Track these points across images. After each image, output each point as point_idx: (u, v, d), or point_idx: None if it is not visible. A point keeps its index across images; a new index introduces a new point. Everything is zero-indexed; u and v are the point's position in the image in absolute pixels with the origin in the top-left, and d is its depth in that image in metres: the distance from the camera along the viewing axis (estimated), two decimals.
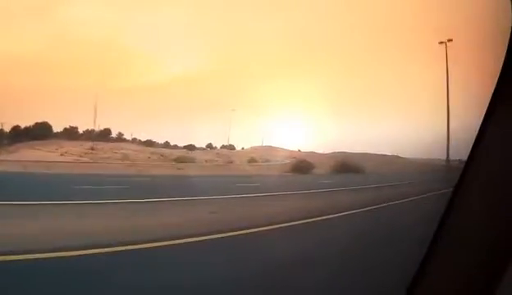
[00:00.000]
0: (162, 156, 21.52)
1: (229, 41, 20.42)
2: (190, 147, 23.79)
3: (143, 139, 24.05)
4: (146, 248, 4.95)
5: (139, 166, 18.36)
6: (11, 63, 17.80)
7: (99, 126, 22.99)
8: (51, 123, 21.74)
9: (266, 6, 18.88)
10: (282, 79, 20.93)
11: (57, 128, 22.30)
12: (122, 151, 21.53)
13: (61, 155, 19.47)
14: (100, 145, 21.84)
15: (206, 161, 22.21)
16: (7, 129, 20.86)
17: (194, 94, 21.87)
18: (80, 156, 19.71)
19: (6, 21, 16.95)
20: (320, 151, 22.44)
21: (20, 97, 18.76)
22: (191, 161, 21.31)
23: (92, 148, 21.11)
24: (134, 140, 24.12)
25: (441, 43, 17.26)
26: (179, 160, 20.80)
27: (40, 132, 21.12)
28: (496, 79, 1.30)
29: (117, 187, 11.25)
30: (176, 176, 16.65)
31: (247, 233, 6.18)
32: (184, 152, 23.00)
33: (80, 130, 23.20)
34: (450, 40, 17.15)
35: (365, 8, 17.96)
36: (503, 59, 1.29)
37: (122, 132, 24.02)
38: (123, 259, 4.60)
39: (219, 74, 21.03)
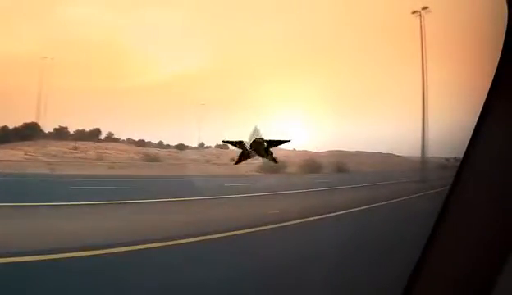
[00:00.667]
0: (146, 155, 21.22)
1: (228, 41, 20.44)
2: (180, 147, 23.62)
3: (137, 139, 23.85)
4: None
5: (117, 166, 18.07)
6: (10, 63, 17.62)
7: (90, 126, 22.73)
8: (45, 124, 21.40)
9: (266, 7, 18.94)
10: (281, 80, 20.99)
11: (50, 128, 21.97)
12: (106, 150, 21.16)
13: (25, 154, 19.05)
14: (85, 145, 21.38)
15: (190, 160, 22.07)
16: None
17: (194, 94, 21.82)
18: (53, 156, 19.25)
19: (6, 21, 16.76)
20: (315, 149, 22.45)
21: (19, 98, 18.60)
22: (176, 160, 21.19)
23: (75, 148, 20.79)
24: (128, 140, 23.87)
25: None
26: (155, 159, 20.56)
27: (29, 132, 20.70)
28: (492, 77, 1.31)
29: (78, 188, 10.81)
30: (145, 176, 16.28)
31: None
32: (173, 152, 22.85)
33: (71, 130, 22.86)
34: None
35: (363, 9, 18.11)
36: (498, 57, 1.30)
37: (119, 132, 23.69)
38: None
39: (218, 74, 21.03)
